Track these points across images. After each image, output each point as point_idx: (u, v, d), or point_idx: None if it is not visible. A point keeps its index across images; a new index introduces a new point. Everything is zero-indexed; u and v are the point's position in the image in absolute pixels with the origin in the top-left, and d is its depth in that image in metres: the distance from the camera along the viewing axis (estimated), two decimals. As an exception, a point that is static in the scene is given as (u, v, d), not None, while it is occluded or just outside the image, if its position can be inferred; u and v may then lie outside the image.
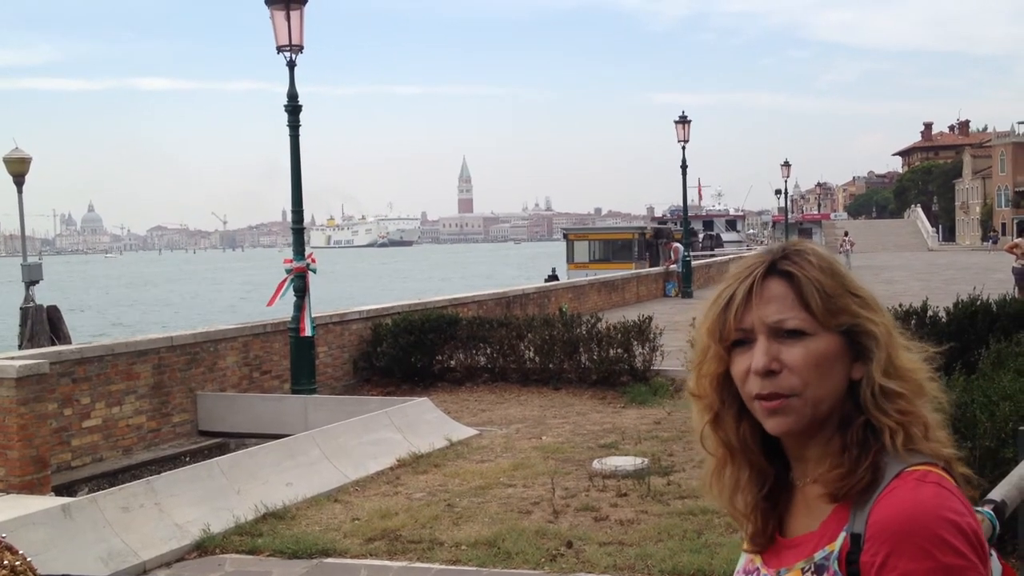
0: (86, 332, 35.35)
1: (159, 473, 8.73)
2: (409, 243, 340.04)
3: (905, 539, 1.28)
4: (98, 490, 8.56)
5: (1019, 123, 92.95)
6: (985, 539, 1.33)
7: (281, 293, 12.90)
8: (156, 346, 11.50)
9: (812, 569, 1.38)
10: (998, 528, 2.47)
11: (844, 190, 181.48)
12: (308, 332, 12.59)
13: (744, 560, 1.55)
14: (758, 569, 1.49)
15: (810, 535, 1.42)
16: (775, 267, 1.46)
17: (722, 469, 1.53)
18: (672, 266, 32.54)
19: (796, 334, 1.40)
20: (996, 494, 3.74)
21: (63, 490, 9.43)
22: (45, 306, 20.55)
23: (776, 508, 1.51)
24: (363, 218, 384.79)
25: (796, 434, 1.42)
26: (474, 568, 6.61)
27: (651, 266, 38.81)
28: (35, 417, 9.05)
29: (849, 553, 1.33)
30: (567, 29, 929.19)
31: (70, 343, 17.58)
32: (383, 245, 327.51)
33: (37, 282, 21.05)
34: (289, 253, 13.30)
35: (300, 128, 12.89)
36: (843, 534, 1.35)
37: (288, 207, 13.44)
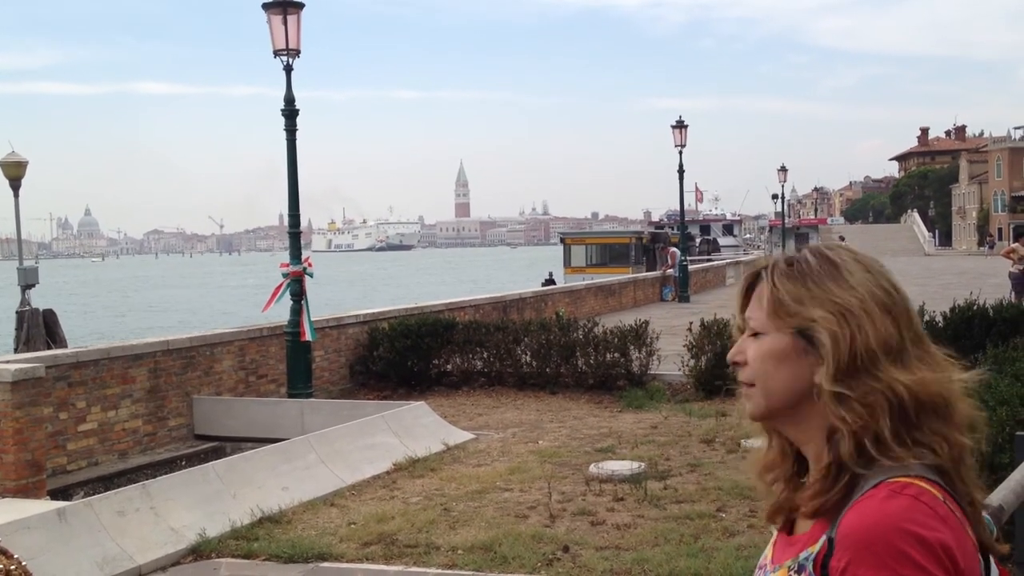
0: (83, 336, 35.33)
1: (155, 477, 8.71)
2: (409, 247, 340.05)
3: (864, 548, 1.31)
4: (94, 494, 8.56)
5: (1015, 128, 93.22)
6: (967, 554, 1.33)
7: (277, 298, 12.88)
8: (152, 350, 11.49)
9: (796, 568, 1.42)
10: (995, 533, 2.46)
11: (841, 195, 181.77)
12: (308, 337, 12.58)
13: (762, 555, 1.60)
14: (766, 564, 1.54)
15: (804, 535, 1.46)
16: (764, 270, 1.55)
17: (764, 447, 1.62)
18: (669, 271, 32.55)
19: (758, 333, 1.52)
20: (994, 499, 3.74)
21: (58, 494, 9.41)
22: (41, 310, 20.53)
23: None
24: (364, 222, 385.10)
25: (766, 422, 1.54)
26: (470, 572, 6.60)
27: (648, 271, 38.82)
28: (30, 421, 9.03)
29: (825, 556, 1.37)
30: (566, 35, 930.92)
31: (66, 347, 17.56)
32: (381, 249, 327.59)
33: (33, 286, 21.02)
34: (285, 257, 13.29)
35: (297, 132, 12.88)
36: (823, 538, 1.39)
37: (285, 211, 13.43)
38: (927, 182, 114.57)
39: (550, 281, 36.87)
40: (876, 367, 1.41)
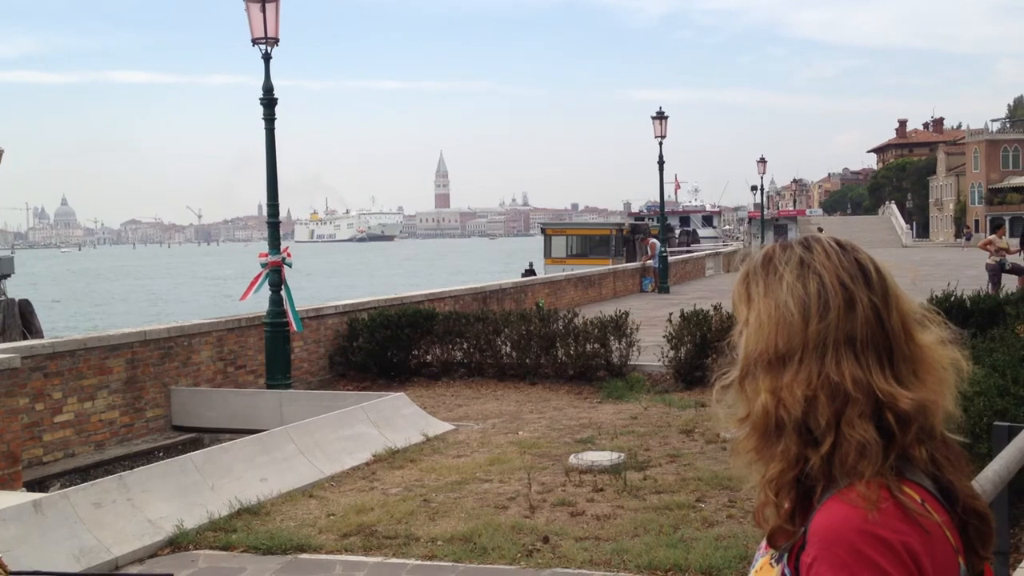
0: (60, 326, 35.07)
1: (132, 468, 8.65)
2: (390, 238, 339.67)
3: (826, 548, 1.32)
4: (70, 485, 8.49)
5: (993, 120, 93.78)
6: (937, 558, 1.33)
7: (255, 288, 12.81)
8: (129, 340, 11.40)
9: (776, 558, 1.44)
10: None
11: (819, 187, 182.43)
12: (295, 328, 12.52)
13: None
14: (760, 547, 1.54)
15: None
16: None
17: None
18: (649, 262, 32.58)
19: None
20: (971, 489, 3.74)
21: (34, 486, 9.33)
22: (17, 300, 20.37)
23: None
24: (347, 212, 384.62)
25: None
26: (450, 563, 6.59)
27: (628, 262, 38.85)
28: (6, 412, 8.94)
29: (799, 549, 1.38)
30: (546, 25, 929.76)
31: (42, 337, 17.42)
32: (361, 239, 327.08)
33: (8, 276, 20.86)
34: (262, 247, 13.21)
35: (276, 121, 12.82)
36: (802, 530, 1.39)
37: (264, 201, 13.35)
38: (905, 174, 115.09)
39: (530, 272, 36.85)
40: (755, 376, 1.44)
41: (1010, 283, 20.27)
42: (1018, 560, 5.64)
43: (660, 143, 30.59)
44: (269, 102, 12.73)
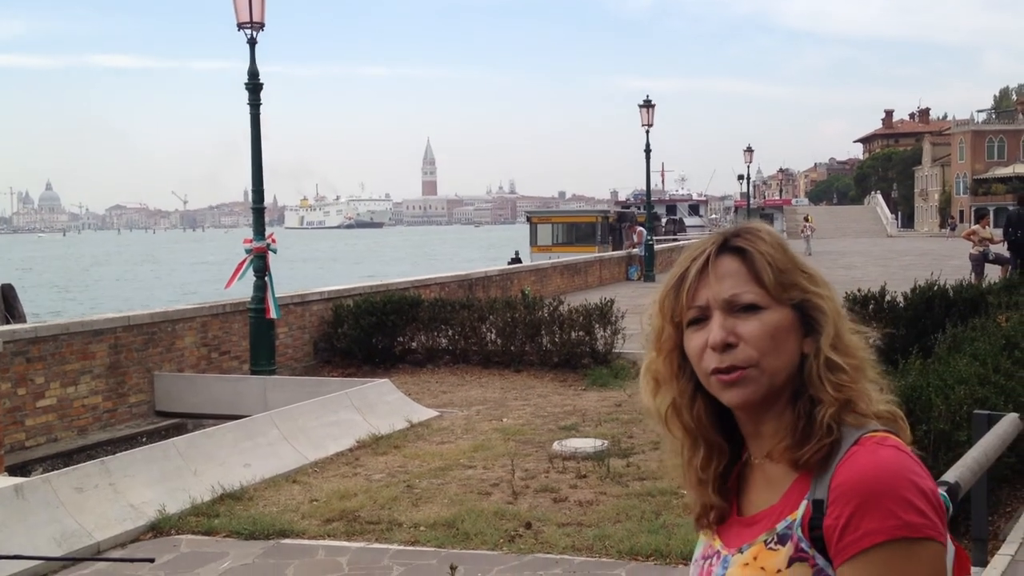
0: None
1: (115, 454, 8.62)
2: (379, 225, 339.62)
3: (868, 499, 1.30)
4: (52, 470, 8.45)
5: (978, 111, 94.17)
6: (943, 501, 1.36)
7: (240, 274, 12.77)
8: (112, 325, 11.35)
9: (775, 540, 1.39)
10: (951, 510, 2.48)
11: (806, 176, 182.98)
12: (273, 315, 12.48)
13: (702, 546, 1.54)
14: (718, 552, 1.48)
15: (771, 509, 1.43)
16: (727, 244, 1.48)
17: (680, 449, 1.55)
18: (635, 250, 32.64)
19: (751, 308, 1.42)
20: (950, 476, 3.77)
21: (16, 470, 9.28)
22: None
23: (728, 487, 1.53)
24: (337, 199, 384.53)
25: (753, 406, 1.44)
26: (432, 549, 6.60)
27: (614, 250, 38.90)
28: (-13, 396, 8.90)
29: (811, 519, 1.35)
30: (536, 13, 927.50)
31: (25, 322, 17.32)
32: (349, 226, 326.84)
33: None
34: (245, 233, 13.16)
35: (261, 106, 12.76)
36: (804, 502, 1.37)
37: (250, 187, 13.29)
38: (891, 164, 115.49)
39: (516, 260, 36.85)
40: (846, 335, 1.44)
41: (993, 273, 20.38)
42: (996, 547, 5.68)
43: (647, 131, 30.61)
44: (254, 87, 12.67)
